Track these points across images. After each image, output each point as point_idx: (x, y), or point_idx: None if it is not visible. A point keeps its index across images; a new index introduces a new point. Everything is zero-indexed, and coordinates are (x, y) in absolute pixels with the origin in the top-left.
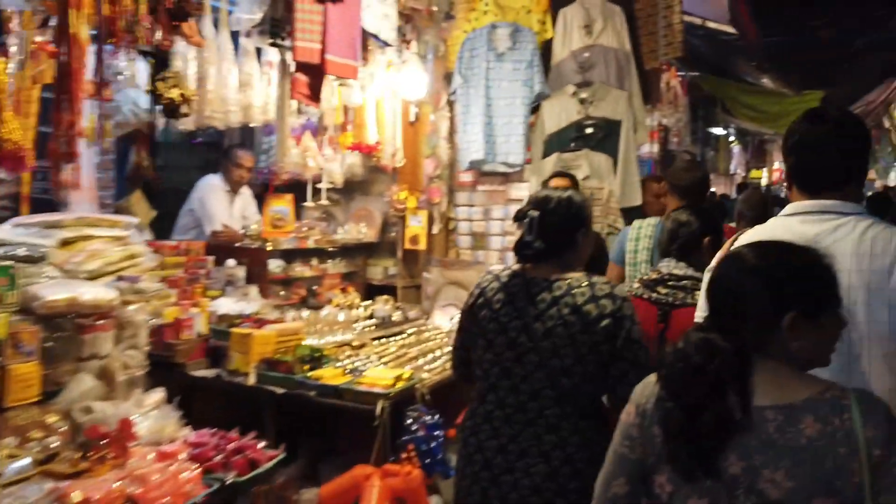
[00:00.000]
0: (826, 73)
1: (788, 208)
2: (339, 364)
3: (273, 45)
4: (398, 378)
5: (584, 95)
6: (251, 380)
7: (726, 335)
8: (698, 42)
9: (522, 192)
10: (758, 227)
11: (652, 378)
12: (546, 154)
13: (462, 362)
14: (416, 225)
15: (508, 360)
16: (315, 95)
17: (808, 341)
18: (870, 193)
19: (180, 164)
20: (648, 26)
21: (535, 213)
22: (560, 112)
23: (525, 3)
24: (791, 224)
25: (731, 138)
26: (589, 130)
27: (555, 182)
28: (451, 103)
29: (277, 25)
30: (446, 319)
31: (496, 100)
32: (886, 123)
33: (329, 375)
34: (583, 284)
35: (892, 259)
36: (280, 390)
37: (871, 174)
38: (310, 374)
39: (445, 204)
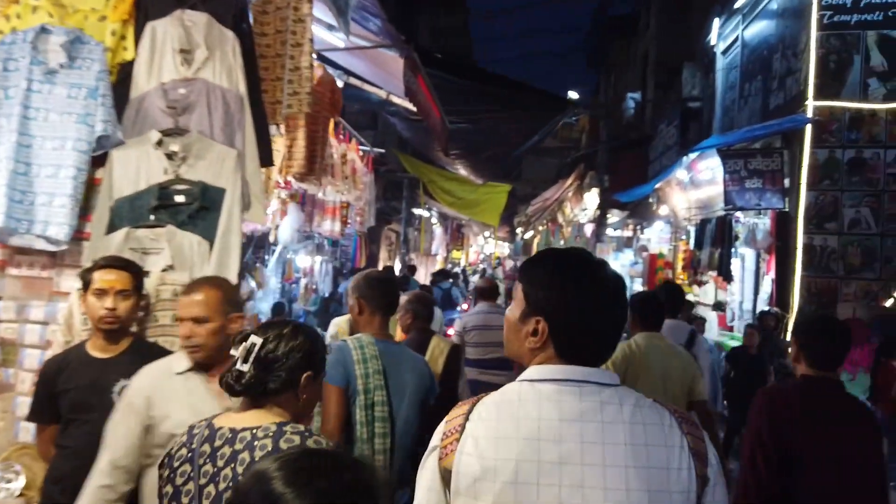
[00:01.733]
0: (513, 167)
1: (536, 371)
2: None
3: None
4: None
5: (174, 148)
6: None
7: None
8: (395, 120)
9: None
10: (502, 394)
11: None
12: (112, 228)
13: None
14: None
15: None
16: None
17: None
18: None
19: None
20: (276, 69)
21: (256, 340)
22: (137, 168)
23: (97, 3)
24: (548, 393)
25: (434, 220)
26: (179, 199)
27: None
28: None
29: None
30: None
31: (38, 139)
32: (560, 219)
33: None
34: (269, 434)
35: (668, 452)
36: None
37: None
38: None
39: None
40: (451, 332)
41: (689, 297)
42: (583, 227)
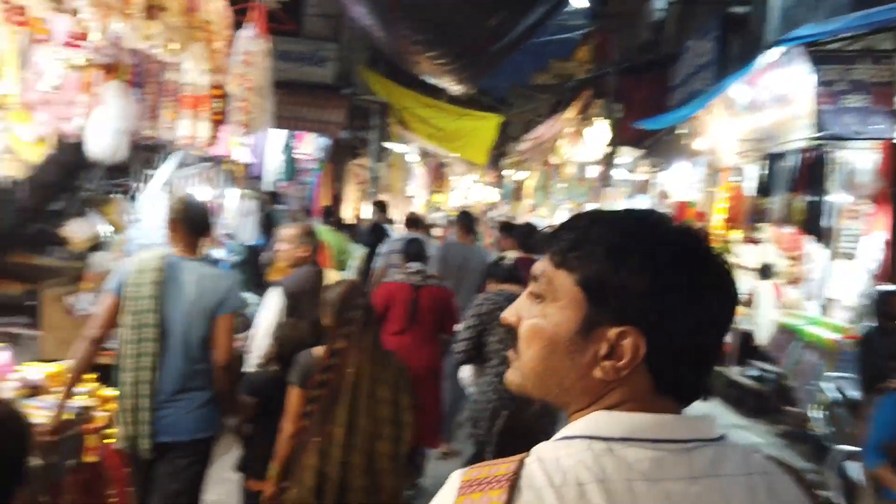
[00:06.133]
0: (505, 96)
1: (613, 423)
2: None
3: None
4: None
5: None
6: None
7: None
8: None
9: None
10: (559, 468)
11: None
12: None
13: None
14: None
15: None
16: None
17: None
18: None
19: None
20: None
21: None
22: None
23: None
24: (641, 467)
25: (414, 156)
26: None
27: None
28: None
29: None
30: None
31: None
32: (555, 160)
33: None
34: None
35: None
36: None
37: (543, 212)
38: None
39: None
40: None
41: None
42: (586, 169)
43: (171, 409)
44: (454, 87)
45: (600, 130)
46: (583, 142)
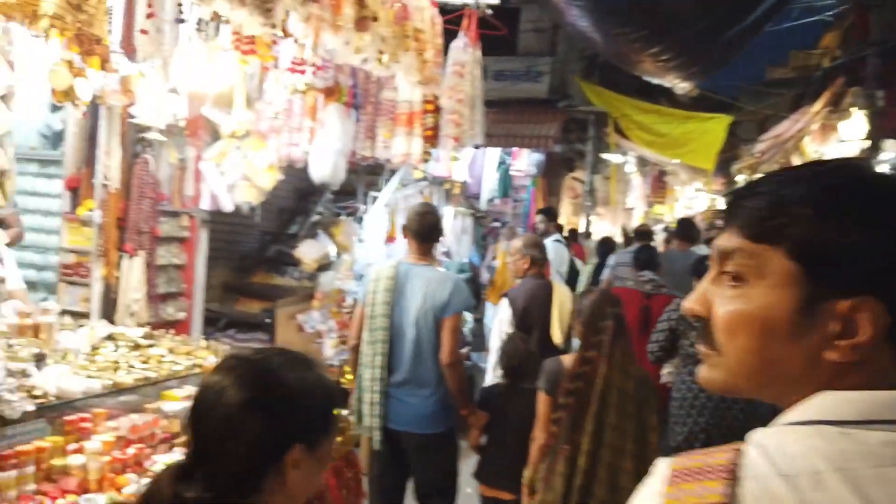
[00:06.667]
0: (735, 95)
1: (850, 404)
2: None
3: None
4: None
5: None
6: None
7: (208, 484)
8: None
9: None
10: (783, 454)
11: None
12: None
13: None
14: None
15: None
16: None
17: (306, 477)
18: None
19: None
20: None
21: None
22: None
23: None
24: (886, 453)
25: (631, 167)
26: None
27: None
28: None
29: None
30: None
31: None
32: (799, 160)
33: None
34: None
35: None
36: None
37: None
38: None
39: None
40: None
41: None
42: None
43: (402, 403)
44: (679, 86)
45: (856, 123)
46: (835, 137)
